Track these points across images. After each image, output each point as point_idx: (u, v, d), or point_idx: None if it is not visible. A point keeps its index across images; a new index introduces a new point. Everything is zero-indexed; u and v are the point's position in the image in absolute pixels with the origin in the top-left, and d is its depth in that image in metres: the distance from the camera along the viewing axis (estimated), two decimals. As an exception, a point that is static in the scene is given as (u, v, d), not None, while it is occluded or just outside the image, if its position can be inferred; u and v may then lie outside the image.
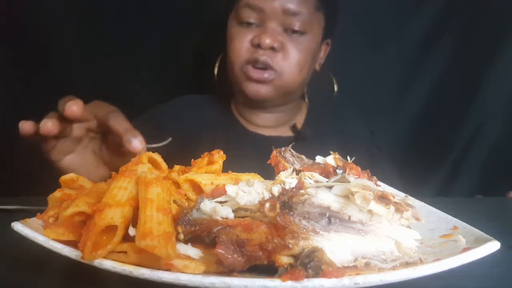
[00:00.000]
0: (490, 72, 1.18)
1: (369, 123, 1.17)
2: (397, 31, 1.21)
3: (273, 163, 0.64)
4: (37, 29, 1.11)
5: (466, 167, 1.22)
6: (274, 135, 1.03)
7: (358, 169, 0.61)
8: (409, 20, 1.21)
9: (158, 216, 0.37)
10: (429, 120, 1.23)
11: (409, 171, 1.07)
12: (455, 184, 1.21)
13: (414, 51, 1.22)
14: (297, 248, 0.33)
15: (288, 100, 1.01)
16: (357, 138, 1.07)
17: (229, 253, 0.34)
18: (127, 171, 0.45)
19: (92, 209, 0.40)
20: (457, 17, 1.18)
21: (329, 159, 0.62)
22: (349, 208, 0.36)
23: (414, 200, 0.52)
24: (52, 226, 0.40)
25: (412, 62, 1.23)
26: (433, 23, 1.21)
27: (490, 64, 1.18)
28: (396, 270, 0.33)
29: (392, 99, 1.25)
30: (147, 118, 1.02)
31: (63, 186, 0.49)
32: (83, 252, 0.36)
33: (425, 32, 1.21)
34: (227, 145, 0.63)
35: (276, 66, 0.91)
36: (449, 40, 1.20)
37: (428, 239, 0.42)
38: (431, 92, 1.23)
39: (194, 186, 0.46)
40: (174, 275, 0.33)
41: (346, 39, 1.09)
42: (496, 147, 1.19)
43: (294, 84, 0.95)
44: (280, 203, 0.35)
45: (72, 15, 1.12)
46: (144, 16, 1.16)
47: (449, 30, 1.19)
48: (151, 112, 1.06)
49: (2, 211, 0.62)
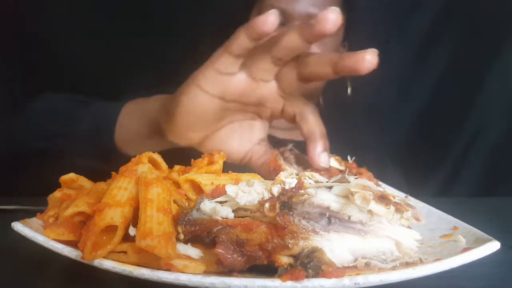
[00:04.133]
0: (491, 72, 1.18)
1: (369, 123, 1.17)
2: (397, 31, 1.21)
3: (272, 167, 0.64)
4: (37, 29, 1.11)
5: (466, 167, 1.22)
6: (288, 138, 1.02)
7: (362, 170, 0.61)
8: (409, 20, 1.21)
9: (158, 216, 0.37)
10: (429, 120, 1.23)
11: (410, 171, 1.07)
12: (455, 184, 1.21)
13: (414, 51, 1.22)
14: (296, 248, 0.33)
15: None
16: (368, 148, 1.06)
17: (229, 253, 0.34)
18: (127, 171, 0.45)
19: (92, 209, 0.40)
20: (457, 18, 1.18)
21: (332, 161, 0.62)
22: (349, 208, 0.36)
23: (414, 200, 0.52)
24: (52, 226, 0.41)
25: (412, 62, 1.23)
26: (433, 24, 1.21)
27: (491, 64, 1.18)
28: (396, 270, 0.33)
29: (392, 99, 1.25)
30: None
31: (63, 186, 0.49)
32: (83, 252, 0.36)
33: (425, 33, 1.21)
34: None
35: None
36: (449, 41, 1.20)
37: (428, 239, 0.42)
38: (431, 92, 1.23)
39: (194, 186, 0.46)
40: (174, 275, 0.33)
41: (346, 39, 1.10)
42: (497, 147, 1.19)
43: (314, 86, 0.94)
44: (279, 203, 0.35)
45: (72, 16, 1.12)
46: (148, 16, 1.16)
47: (449, 31, 1.19)
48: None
49: (2, 211, 0.62)
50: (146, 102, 0.73)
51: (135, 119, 0.74)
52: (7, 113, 0.90)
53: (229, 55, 0.52)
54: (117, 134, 0.76)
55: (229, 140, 0.62)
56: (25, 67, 1.12)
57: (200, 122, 0.58)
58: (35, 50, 1.12)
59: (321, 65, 0.52)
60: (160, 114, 0.65)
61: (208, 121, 0.58)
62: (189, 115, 0.57)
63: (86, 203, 0.41)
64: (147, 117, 0.70)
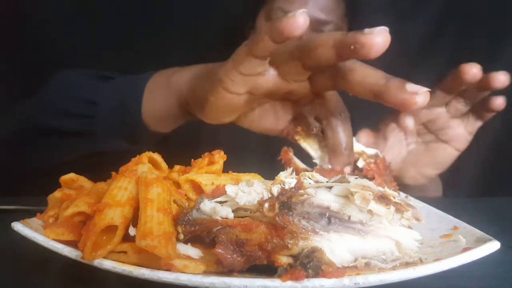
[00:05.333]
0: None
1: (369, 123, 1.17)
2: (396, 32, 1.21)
3: (283, 159, 0.64)
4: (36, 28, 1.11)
5: (467, 167, 1.21)
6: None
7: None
8: (409, 20, 1.21)
9: (158, 216, 0.37)
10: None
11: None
12: (455, 184, 1.21)
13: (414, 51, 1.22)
14: (296, 248, 0.33)
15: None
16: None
17: (229, 253, 0.34)
18: (127, 171, 0.45)
19: (92, 209, 0.40)
20: (457, 18, 1.18)
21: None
22: (349, 208, 0.36)
23: (414, 201, 0.52)
24: (52, 226, 0.41)
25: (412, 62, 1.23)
26: (433, 24, 1.21)
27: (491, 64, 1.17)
28: (396, 270, 0.33)
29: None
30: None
31: (63, 186, 0.49)
32: (83, 252, 0.36)
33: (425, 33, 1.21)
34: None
35: None
36: (449, 41, 1.20)
37: (428, 239, 0.42)
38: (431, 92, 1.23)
39: (195, 186, 0.46)
40: (174, 275, 0.33)
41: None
42: (497, 147, 1.19)
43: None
44: (279, 203, 0.35)
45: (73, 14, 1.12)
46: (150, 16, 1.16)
47: (449, 31, 1.19)
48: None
49: (2, 211, 0.62)
50: (174, 75, 0.68)
51: (163, 94, 0.69)
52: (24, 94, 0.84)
53: (253, 57, 0.49)
54: (144, 110, 0.70)
55: (263, 119, 0.61)
56: (25, 67, 1.12)
57: (230, 112, 0.57)
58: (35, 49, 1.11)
59: (322, 47, 0.46)
60: (190, 95, 0.63)
61: (238, 110, 0.57)
62: (218, 110, 0.56)
63: (86, 203, 0.41)
64: (176, 93, 0.66)
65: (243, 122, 0.61)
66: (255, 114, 0.61)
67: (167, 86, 0.68)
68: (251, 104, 0.58)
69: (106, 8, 1.14)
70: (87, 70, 0.80)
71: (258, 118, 0.61)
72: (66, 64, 0.83)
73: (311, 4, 0.94)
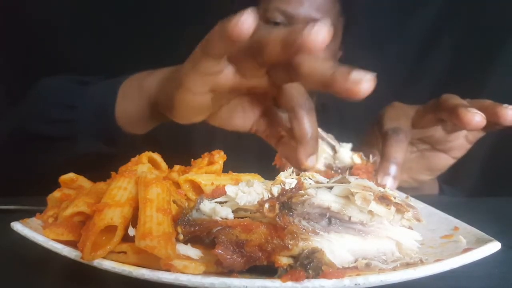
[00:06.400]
0: (490, 73, 1.18)
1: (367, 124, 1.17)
2: (396, 32, 1.21)
3: (278, 165, 0.64)
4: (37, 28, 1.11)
5: (467, 167, 1.21)
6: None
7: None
8: (409, 21, 1.21)
9: (158, 217, 0.37)
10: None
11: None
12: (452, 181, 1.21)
13: (414, 51, 1.22)
14: (296, 249, 0.33)
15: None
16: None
17: (229, 253, 0.34)
18: (127, 171, 0.45)
19: (91, 209, 0.40)
20: (457, 18, 1.18)
21: (355, 158, 0.62)
22: (350, 208, 0.35)
23: (415, 201, 0.52)
24: (52, 226, 0.40)
25: (412, 62, 1.23)
26: (432, 24, 1.21)
27: (491, 64, 1.18)
28: (397, 270, 0.33)
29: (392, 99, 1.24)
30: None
31: (62, 186, 0.49)
32: (83, 252, 0.36)
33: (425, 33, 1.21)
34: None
35: None
36: (449, 41, 1.20)
37: (429, 240, 0.42)
38: (431, 92, 1.23)
39: (194, 186, 0.46)
40: (174, 276, 0.33)
41: (345, 40, 1.10)
42: (497, 147, 1.19)
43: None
44: (279, 204, 0.35)
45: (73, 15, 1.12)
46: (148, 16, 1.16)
47: (449, 31, 1.20)
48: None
49: (2, 211, 0.62)
50: (146, 78, 0.70)
51: (135, 96, 0.71)
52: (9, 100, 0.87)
53: (208, 57, 0.49)
54: (117, 113, 0.73)
55: (232, 115, 0.62)
56: (24, 67, 1.12)
57: (198, 111, 0.58)
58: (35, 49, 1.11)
59: (271, 44, 0.45)
60: (159, 97, 0.64)
61: (206, 109, 0.58)
62: (186, 110, 0.57)
63: (85, 203, 0.41)
64: (147, 95, 0.68)
65: (214, 120, 0.62)
66: (224, 112, 0.62)
67: (138, 88, 0.70)
68: (218, 102, 0.58)
69: (106, 8, 1.14)
70: (67, 76, 0.83)
71: (227, 116, 0.62)
72: (59, 69, 0.85)
73: (307, 3, 0.94)
